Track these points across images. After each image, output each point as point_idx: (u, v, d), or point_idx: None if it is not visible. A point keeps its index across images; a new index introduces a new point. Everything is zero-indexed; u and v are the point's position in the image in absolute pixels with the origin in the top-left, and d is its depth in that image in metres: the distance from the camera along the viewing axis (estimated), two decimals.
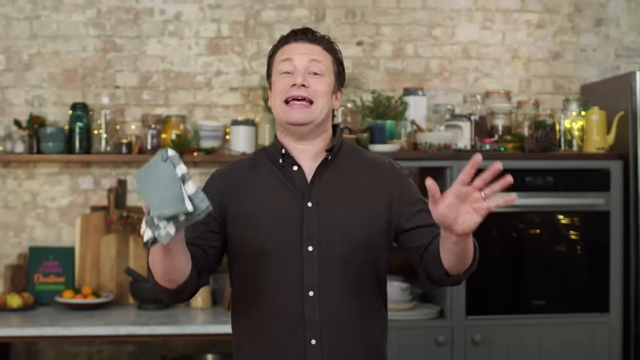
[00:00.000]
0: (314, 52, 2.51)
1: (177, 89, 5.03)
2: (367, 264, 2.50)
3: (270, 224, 2.47)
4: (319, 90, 2.49)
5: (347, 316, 2.46)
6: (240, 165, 2.62)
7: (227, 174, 2.59)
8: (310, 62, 2.50)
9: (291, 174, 2.53)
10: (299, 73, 2.48)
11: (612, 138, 4.57)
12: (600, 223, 4.48)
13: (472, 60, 5.22)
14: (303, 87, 2.47)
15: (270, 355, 2.49)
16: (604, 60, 5.34)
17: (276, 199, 2.50)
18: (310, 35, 2.55)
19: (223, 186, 2.55)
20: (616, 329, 4.46)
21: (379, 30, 5.16)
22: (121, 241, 4.85)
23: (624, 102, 4.57)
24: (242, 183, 2.55)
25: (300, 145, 2.54)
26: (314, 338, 2.44)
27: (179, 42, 5.03)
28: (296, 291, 2.43)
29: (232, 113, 5.04)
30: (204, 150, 4.82)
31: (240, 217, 2.50)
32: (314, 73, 2.50)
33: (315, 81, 2.49)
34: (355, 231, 2.47)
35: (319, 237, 2.46)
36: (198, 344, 4.86)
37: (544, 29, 5.29)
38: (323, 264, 2.45)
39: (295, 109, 2.47)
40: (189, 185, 2.06)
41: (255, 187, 2.54)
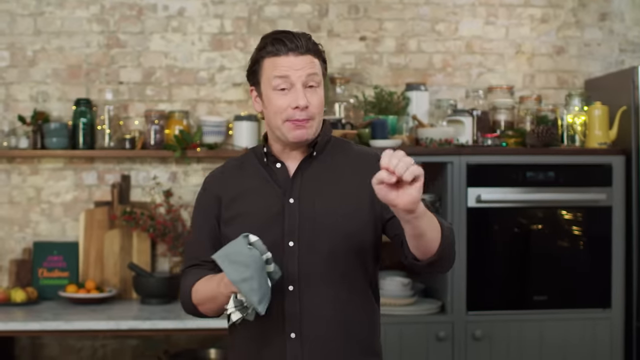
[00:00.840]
0: (309, 65, 2.48)
1: (180, 84, 5.04)
2: (352, 259, 2.50)
3: (254, 222, 2.50)
4: (316, 105, 2.49)
5: (329, 310, 2.47)
6: (229, 169, 2.66)
7: (218, 182, 2.64)
8: (308, 77, 2.47)
9: (275, 172, 2.56)
10: (299, 93, 2.46)
11: (615, 133, 4.56)
12: (602, 218, 4.48)
13: (475, 56, 5.22)
14: (306, 108, 2.46)
15: (254, 347, 2.53)
16: (608, 55, 5.32)
17: (260, 198, 2.54)
18: (299, 45, 2.48)
19: (214, 198, 2.61)
20: (618, 325, 4.46)
21: (382, 25, 5.16)
22: (125, 236, 4.87)
23: (626, 97, 4.56)
24: (231, 187, 2.60)
25: (292, 151, 2.56)
26: (294, 332, 2.47)
27: (182, 38, 5.04)
28: (277, 286, 2.42)
29: (235, 108, 5.05)
30: (207, 146, 4.83)
31: (229, 219, 2.56)
32: (310, 86, 2.48)
33: (313, 96, 2.48)
34: (337, 226, 2.48)
35: (299, 232, 2.49)
36: (201, 338, 4.88)
37: (548, 23, 5.28)
38: (304, 259, 2.48)
39: (298, 129, 2.47)
40: (271, 265, 2.28)
41: (242, 188, 2.58)
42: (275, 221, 2.50)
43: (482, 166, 4.42)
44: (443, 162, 4.42)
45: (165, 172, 5.01)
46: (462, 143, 4.55)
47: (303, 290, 2.47)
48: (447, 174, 4.39)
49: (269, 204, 2.52)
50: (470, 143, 4.61)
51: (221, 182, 2.63)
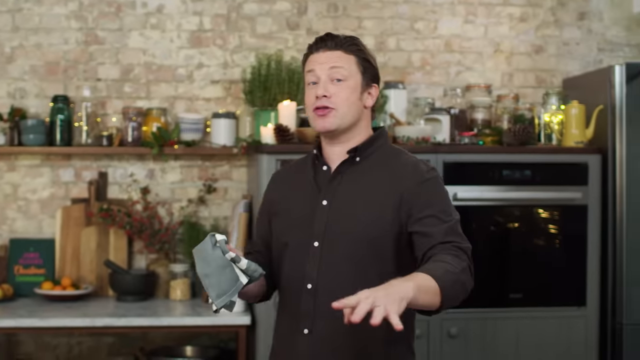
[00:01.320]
0: (334, 59, 2.59)
1: (158, 81, 5.03)
2: (371, 264, 2.54)
3: (292, 220, 2.65)
4: (341, 97, 2.57)
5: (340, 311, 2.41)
6: (292, 167, 2.83)
7: (278, 179, 2.83)
8: (331, 69, 2.58)
9: (319, 174, 2.67)
10: (321, 83, 2.59)
11: (591, 132, 4.56)
12: (578, 217, 4.48)
13: (454, 54, 5.22)
14: (325, 97, 2.57)
15: (280, 341, 2.71)
16: (587, 54, 5.34)
17: (301, 197, 2.66)
18: (330, 42, 2.61)
19: (273, 189, 2.81)
20: (593, 323, 4.46)
21: (361, 23, 5.16)
22: (101, 233, 4.87)
23: (603, 96, 4.56)
24: (286, 184, 2.76)
25: (334, 147, 2.65)
26: (307, 328, 2.56)
27: (161, 35, 5.04)
28: (298, 283, 2.58)
29: (213, 106, 5.05)
30: (185, 143, 4.83)
31: (276, 215, 2.72)
32: (337, 80, 2.58)
33: (337, 88, 2.58)
34: (359, 231, 2.54)
35: (325, 234, 2.57)
36: (177, 335, 4.88)
37: (527, 22, 5.29)
38: (324, 260, 2.56)
39: (321, 117, 2.58)
40: (242, 262, 2.40)
41: (292, 186, 2.72)
42: (306, 221, 2.60)
43: (459, 164, 4.41)
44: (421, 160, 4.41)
45: (143, 169, 5.00)
46: (439, 141, 4.55)
47: (319, 289, 2.55)
48: None
49: (306, 204, 2.63)
50: (447, 141, 4.61)
51: (281, 179, 2.81)
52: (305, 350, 2.58)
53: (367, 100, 2.65)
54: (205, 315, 4.35)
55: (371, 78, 2.66)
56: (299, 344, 2.59)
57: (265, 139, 4.35)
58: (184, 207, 4.98)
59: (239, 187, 5.04)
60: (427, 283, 2.26)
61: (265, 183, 4.14)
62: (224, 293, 2.40)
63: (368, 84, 2.65)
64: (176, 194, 5.03)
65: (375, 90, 2.68)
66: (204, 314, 4.38)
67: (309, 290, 2.57)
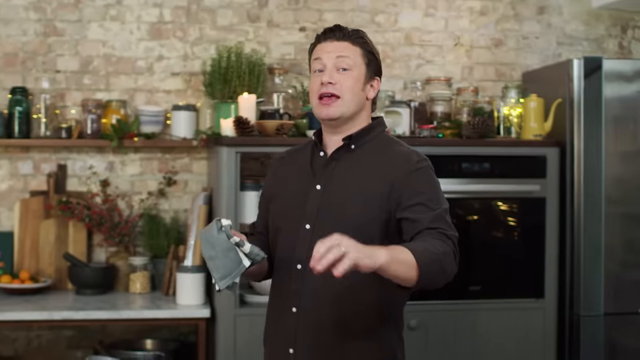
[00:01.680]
0: (341, 49, 2.69)
1: (118, 73, 5.00)
2: None
3: (287, 203, 2.77)
4: (346, 85, 2.67)
5: (328, 289, 2.61)
6: (290, 153, 2.93)
7: (279, 161, 2.93)
8: (338, 58, 2.68)
9: (316, 159, 2.77)
10: (327, 71, 2.68)
11: (550, 125, 4.60)
12: (537, 209, 4.51)
13: (414, 47, 5.24)
14: (330, 84, 2.66)
15: (271, 320, 2.82)
16: (546, 48, 5.37)
17: (296, 181, 2.77)
18: (338, 33, 2.72)
19: (272, 173, 2.92)
20: (551, 315, 4.50)
21: (322, 16, 5.16)
22: (60, 226, 4.83)
23: (562, 90, 4.60)
24: (284, 169, 2.87)
25: (334, 135, 2.75)
26: (295, 306, 2.68)
27: (121, 26, 5.01)
28: (288, 264, 2.69)
29: (173, 98, 5.02)
30: (145, 135, 4.81)
31: (273, 198, 2.84)
32: (342, 69, 2.68)
33: (342, 76, 2.67)
34: (349, 216, 2.62)
35: (316, 217, 2.67)
36: (137, 329, 4.86)
37: (487, 16, 5.31)
38: (314, 242, 2.49)
39: (325, 105, 2.67)
40: (245, 247, 2.52)
41: (289, 171, 2.83)
42: (300, 204, 2.71)
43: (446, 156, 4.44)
44: None
45: (102, 162, 4.97)
46: (399, 134, 4.56)
47: (308, 270, 2.53)
48: None
49: (301, 188, 2.74)
50: (407, 134, 4.63)
51: (280, 164, 2.92)
52: (293, 327, 2.69)
53: (369, 92, 2.75)
54: (164, 309, 4.34)
55: (374, 71, 2.76)
56: (288, 322, 2.70)
57: (225, 131, 4.34)
58: (144, 200, 4.96)
59: (199, 179, 5.03)
60: (403, 255, 2.35)
61: (226, 175, 4.19)
62: (228, 275, 2.53)
63: (371, 76, 2.75)
64: (136, 186, 5.01)
65: (377, 83, 2.77)
66: (164, 307, 4.37)
67: (298, 270, 2.67)
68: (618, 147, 4.55)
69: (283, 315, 2.73)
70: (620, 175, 4.55)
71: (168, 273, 4.63)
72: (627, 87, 4.58)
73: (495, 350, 4.45)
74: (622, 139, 4.57)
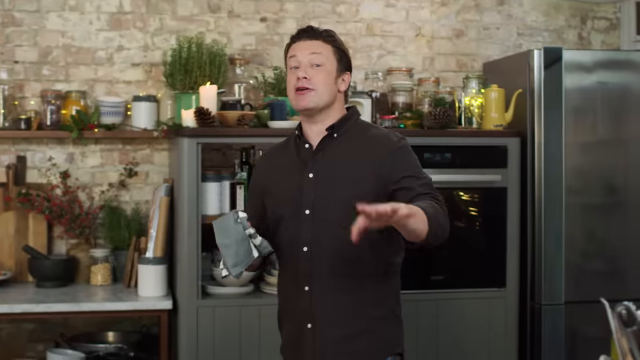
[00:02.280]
0: (314, 46, 2.97)
1: (77, 64, 4.96)
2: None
3: (283, 194, 3.01)
4: (319, 79, 2.94)
5: (334, 268, 2.91)
6: (275, 148, 3.19)
7: (267, 158, 3.20)
8: (311, 55, 2.96)
9: (303, 151, 3.02)
10: (302, 67, 2.95)
11: (510, 115, 4.62)
12: (498, 199, 4.54)
13: (375, 38, 5.24)
14: (305, 79, 2.93)
15: (284, 301, 3.10)
16: (507, 38, 5.40)
17: (288, 174, 3.03)
18: (310, 33, 3.02)
19: (262, 169, 3.18)
20: (512, 304, 4.53)
21: (283, 6, 5.15)
22: (20, 218, 4.79)
23: (522, 80, 4.62)
24: (274, 163, 3.13)
25: (313, 126, 3.01)
26: (307, 285, 2.95)
27: (80, 16, 4.96)
28: (295, 247, 2.96)
29: (133, 89, 4.99)
30: (105, 127, 4.78)
31: (268, 192, 3.09)
32: (315, 65, 2.95)
33: (316, 71, 2.94)
34: (344, 197, 2.86)
35: (314, 202, 2.93)
36: (99, 321, 4.83)
37: (448, 7, 5.33)
38: (316, 224, 2.93)
39: (301, 97, 2.95)
40: (257, 239, 2.79)
41: (279, 165, 3.09)
42: (296, 193, 2.96)
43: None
44: None
45: (62, 153, 4.93)
46: None
47: (314, 251, 2.93)
48: None
49: (294, 178, 2.99)
50: None
51: (268, 160, 3.18)
52: (307, 304, 2.95)
53: (341, 85, 3.01)
54: (126, 300, 4.32)
55: (345, 66, 3.03)
56: (301, 300, 2.96)
57: (187, 122, 4.32)
58: (105, 192, 4.93)
59: (160, 170, 5.00)
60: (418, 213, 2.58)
61: (187, 166, 4.18)
62: (240, 263, 2.79)
63: (342, 70, 3.01)
64: (96, 178, 4.97)
65: (348, 77, 3.04)
66: (125, 299, 4.34)
67: (305, 252, 2.94)
68: (577, 137, 4.59)
69: (297, 295, 2.98)
70: (580, 166, 4.59)
71: (129, 265, 4.60)
72: (587, 77, 4.61)
73: (458, 338, 4.48)
74: (581, 129, 4.61)
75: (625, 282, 4.66)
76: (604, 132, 4.67)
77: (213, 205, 4.37)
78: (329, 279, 2.93)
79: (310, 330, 2.97)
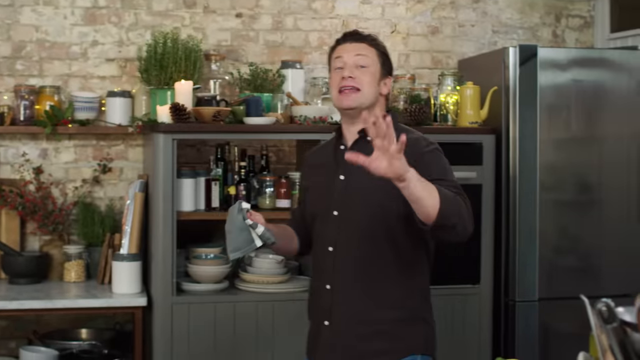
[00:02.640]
0: (359, 48, 3.05)
1: (51, 59, 4.93)
2: (381, 229, 2.97)
3: (317, 193, 3.15)
4: (364, 80, 3.01)
5: (356, 269, 2.99)
6: (321, 146, 3.34)
7: (310, 156, 3.33)
8: (356, 56, 3.03)
9: (338, 152, 3.08)
10: (347, 67, 3.02)
11: (486, 112, 4.63)
12: (473, 196, 4.49)
13: None
14: (350, 78, 3.00)
15: (310, 297, 3.22)
16: (482, 36, 5.42)
17: (324, 173, 3.12)
18: (356, 36, 3.10)
19: (306, 167, 3.33)
20: (486, 300, 4.55)
21: (259, 2, 5.14)
22: None
23: (497, 77, 4.64)
24: (315, 161, 3.26)
25: (352, 127, 3.08)
26: (329, 284, 3.04)
27: (54, 11, 4.93)
28: (322, 246, 3.08)
29: (108, 84, 4.96)
30: (79, 122, 4.75)
31: (307, 189, 3.24)
32: (360, 66, 3.02)
33: (361, 72, 3.02)
34: (371, 200, 2.93)
35: (342, 203, 3.03)
36: (72, 318, 4.80)
37: (423, 4, 5.34)
38: (342, 225, 3.02)
39: (345, 96, 3.01)
40: (259, 228, 2.94)
41: (319, 164, 3.20)
42: (328, 193, 3.07)
43: None
44: (317, 139, 4.42)
45: (36, 149, 4.90)
46: (336, 121, 4.55)
47: (338, 251, 3.02)
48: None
49: (327, 178, 3.09)
50: None
51: (312, 158, 3.31)
52: (328, 302, 3.04)
53: (383, 88, 3.07)
54: (100, 297, 4.30)
55: (388, 70, 3.10)
56: (323, 297, 3.06)
57: (162, 118, 4.30)
58: (78, 188, 4.90)
59: (135, 166, 4.98)
60: (427, 183, 2.65)
61: (162, 162, 4.17)
62: (238, 250, 2.96)
63: (385, 74, 3.08)
64: (70, 174, 4.94)
65: (389, 81, 3.10)
66: (99, 295, 4.32)
67: (330, 252, 3.04)
68: (551, 134, 4.61)
69: (320, 292, 3.08)
70: (554, 163, 4.61)
71: (103, 261, 4.58)
72: (561, 75, 4.63)
73: None
74: (555, 126, 4.63)
75: (598, 279, 4.69)
76: (578, 129, 4.70)
77: (188, 201, 4.36)
78: (351, 280, 3.01)
79: (327, 328, 3.06)
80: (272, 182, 4.56)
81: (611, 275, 4.68)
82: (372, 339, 3.00)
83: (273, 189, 4.54)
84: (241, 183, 4.51)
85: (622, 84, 4.73)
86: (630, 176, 4.74)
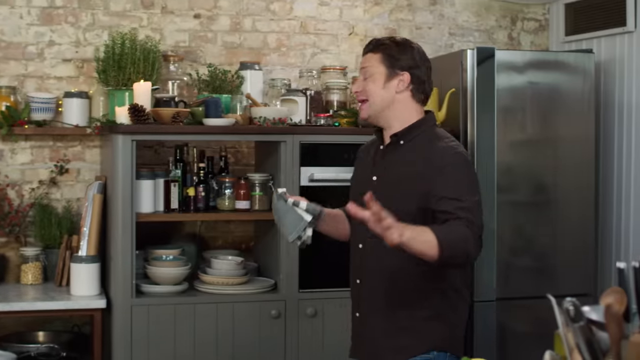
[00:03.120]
0: (365, 60, 3.15)
1: (7, 59, 4.88)
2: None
3: (355, 190, 3.24)
4: (369, 89, 3.11)
5: (382, 268, 3.08)
6: (369, 143, 3.36)
7: (360, 152, 3.41)
8: (362, 69, 3.16)
9: (377, 152, 3.20)
10: (358, 81, 3.18)
11: (444, 114, 4.67)
12: None
13: (309, 36, 5.26)
14: (357, 92, 3.16)
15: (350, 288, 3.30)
16: (439, 38, 5.46)
17: (363, 171, 3.26)
18: (367, 47, 3.17)
19: (356, 162, 3.41)
20: None
21: (217, 3, 5.13)
22: None
23: (455, 79, 4.67)
24: (360, 158, 3.36)
25: (386, 131, 3.17)
26: (359, 279, 3.21)
27: (10, 10, 4.88)
28: (354, 242, 3.23)
29: (65, 85, 4.93)
30: (36, 123, 4.71)
31: (352, 180, 3.37)
32: (365, 78, 3.13)
33: (366, 83, 3.12)
34: (393, 206, 2.85)
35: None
36: (29, 320, 4.76)
37: (381, 6, 5.37)
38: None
39: (360, 110, 3.19)
40: (302, 204, 3.10)
41: (362, 162, 3.33)
42: (362, 191, 2.96)
43: (315, 145, 4.46)
44: (276, 141, 4.43)
45: None
46: (295, 122, 4.57)
47: (367, 248, 3.14)
48: (280, 153, 4.40)
49: (364, 177, 3.21)
50: (303, 122, 4.64)
51: (359, 154, 3.40)
52: (357, 295, 3.22)
53: (397, 85, 3.08)
54: (58, 300, 4.27)
55: (401, 67, 3.07)
56: (355, 291, 3.24)
57: (120, 119, 4.28)
58: (35, 189, 4.86)
59: (92, 168, 4.94)
60: (425, 235, 2.74)
61: (121, 163, 4.16)
62: (293, 231, 3.09)
63: (394, 73, 3.07)
64: (26, 175, 4.90)
65: (406, 76, 3.07)
66: (57, 298, 4.29)
67: (359, 249, 3.18)
68: (507, 136, 4.66)
69: (352, 286, 3.25)
70: (509, 164, 4.66)
71: (61, 263, 4.54)
72: (517, 77, 4.69)
73: None
74: (511, 128, 4.69)
75: (553, 279, 4.75)
76: (533, 131, 4.76)
77: (147, 203, 4.34)
78: (378, 277, 3.11)
79: (357, 319, 3.24)
80: (231, 183, 4.56)
81: (566, 275, 4.74)
82: (398, 334, 3.09)
83: (232, 190, 4.54)
84: (200, 184, 4.51)
85: (577, 87, 4.80)
86: (585, 177, 4.81)
